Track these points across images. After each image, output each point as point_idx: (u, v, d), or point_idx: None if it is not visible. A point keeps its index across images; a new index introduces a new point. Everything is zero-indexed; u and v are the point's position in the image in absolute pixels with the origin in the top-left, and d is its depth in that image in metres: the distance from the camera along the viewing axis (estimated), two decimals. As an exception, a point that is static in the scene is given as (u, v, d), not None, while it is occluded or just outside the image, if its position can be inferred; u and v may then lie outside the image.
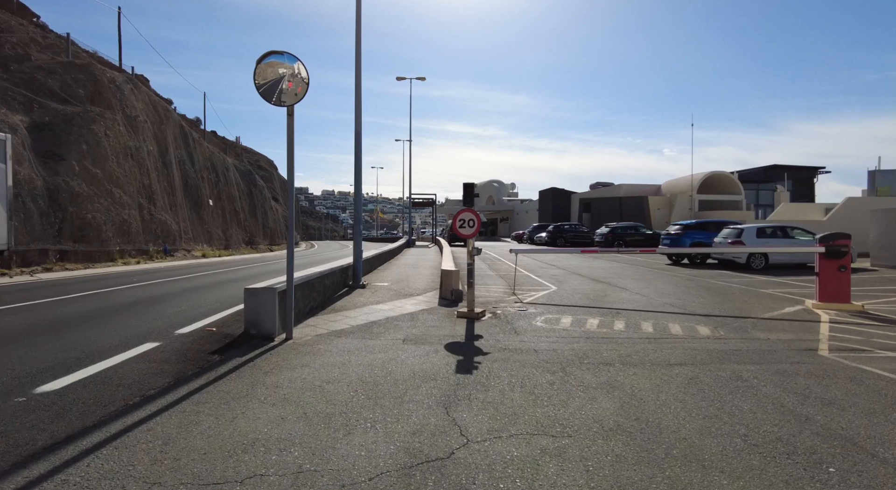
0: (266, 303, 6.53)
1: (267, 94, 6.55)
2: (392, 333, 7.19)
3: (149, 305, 9.74)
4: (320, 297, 9.27)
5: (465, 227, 8.62)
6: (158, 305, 9.76)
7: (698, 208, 39.54)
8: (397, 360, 5.69)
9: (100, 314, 8.62)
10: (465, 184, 8.57)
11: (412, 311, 9.04)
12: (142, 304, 10.01)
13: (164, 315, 8.61)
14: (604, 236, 29.62)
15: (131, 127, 24.68)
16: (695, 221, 20.89)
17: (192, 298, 10.86)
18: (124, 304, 10.02)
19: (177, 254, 27.04)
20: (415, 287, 12.18)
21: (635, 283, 13.94)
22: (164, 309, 9.28)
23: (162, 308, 9.38)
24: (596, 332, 7.47)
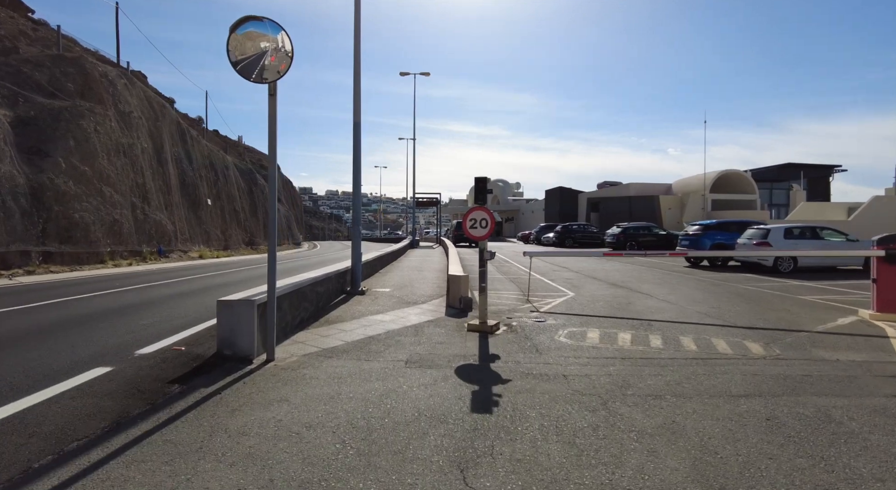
0: (243, 318, 5.48)
1: (246, 71, 5.51)
2: (393, 352, 6.13)
3: (119, 316, 8.68)
4: (312, 307, 8.23)
5: (477, 227, 7.55)
6: (130, 316, 8.71)
7: (711, 208, 38.32)
8: (398, 391, 4.64)
9: (59, 328, 7.57)
10: (478, 178, 7.46)
11: (416, 323, 7.98)
12: (113, 314, 8.96)
13: (132, 328, 7.57)
14: (615, 237, 28.50)
15: (124, 123, 23.73)
16: (715, 221, 19.76)
17: (172, 307, 9.83)
18: (93, 314, 8.97)
19: (172, 255, 26.09)
20: (419, 293, 11.12)
21: (658, 288, 12.84)
22: (134, 320, 8.22)
23: (133, 319, 8.32)
24: (631, 351, 6.39)
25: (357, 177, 10.80)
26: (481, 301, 7.62)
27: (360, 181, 10.81)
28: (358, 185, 10.78)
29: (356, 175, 10.78)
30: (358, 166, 10.78)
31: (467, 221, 7.63)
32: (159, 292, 12.19)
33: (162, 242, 25.45)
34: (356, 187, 10.81)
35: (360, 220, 11.00)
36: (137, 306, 9.86)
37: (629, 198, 42.66)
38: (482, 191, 7.47)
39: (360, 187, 10.81)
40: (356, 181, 10.80)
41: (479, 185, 7.51)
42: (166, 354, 5.82)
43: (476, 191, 7.53)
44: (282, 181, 78.97)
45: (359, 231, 11.03)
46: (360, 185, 10.81)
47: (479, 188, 7.50)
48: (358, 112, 10.73)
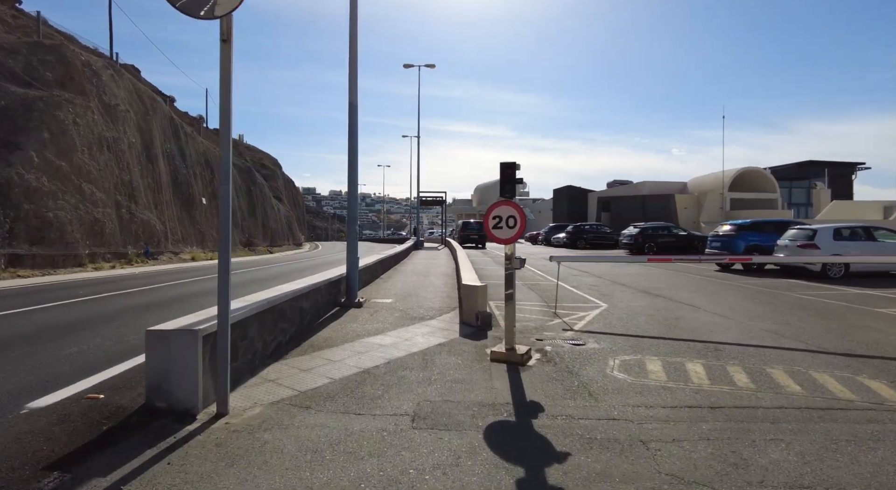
0: (183, 355, 3.85)
1: (191, 7, 3.89)
2: (394, 399, 4.49)
3: (45, 340, 6.83)
4: (294, 327, 6.59)
5: (503, 226, 5.91)
6: (61, 339, 6.95)
7: (730, 207, 36.56)
8: (402, 481, 2.99)
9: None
10: (505, 164, 5.81)
11: (425, 348, 6.33)
12: (38, 337, 7.11)
13: (55, 358, 5.88)
14: (633, 238, 26.78)
15: (109, 116, 22.19)
16: (749, 221, 18.05)
17: (122, 326, 8.17)
18: (12, 337, 7.22)
19: (161, 257, 24.53)
20: (426, 306, 9.46)
21: (700, 297, 11.16)
22: (59, 348, 6.39)
23: (59, 345, 6.53)
24: (716, 393, 4.74)
25: (353, 168, 9.17)
26: (508, 321, 5.97)
27: (356, 172, 9.19)
28: (354, 176, 9.15)
29: (352, 166, 9.15)
30: (354, 154, 9.14)
31: (490, 220, 5.99)
32: (122, 303, 10.58)
33: (150, 243, 23.90)
34: (352, 180, 9.18)
35: (356, 220, 9.36)
36: (79, 324, 8.18)
37: (642, 197, 40.91)
38: (510, 180, 5.82)
39: (357, 179, 9.19)
40: (352, 173, 9.17)
41: (506, 174, 5.85)
42: (71, 408, 4.14)
43: (502, 180, 5.88)
44: (283, 181, 77.54)
45: (355, 231, 9.39)
46: (356, 178, 9.19)
47: (505, 177, 5.84)
48: (354, 90, 9.10)
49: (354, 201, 9.40)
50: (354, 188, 9.26)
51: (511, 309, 5.96)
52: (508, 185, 5.85)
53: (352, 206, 9.39)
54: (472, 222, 39.21)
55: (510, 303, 5.98)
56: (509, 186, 5.86)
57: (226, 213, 3.96)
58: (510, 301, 5.99)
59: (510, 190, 5.87)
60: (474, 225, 38.43)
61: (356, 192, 9.28)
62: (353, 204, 9.41)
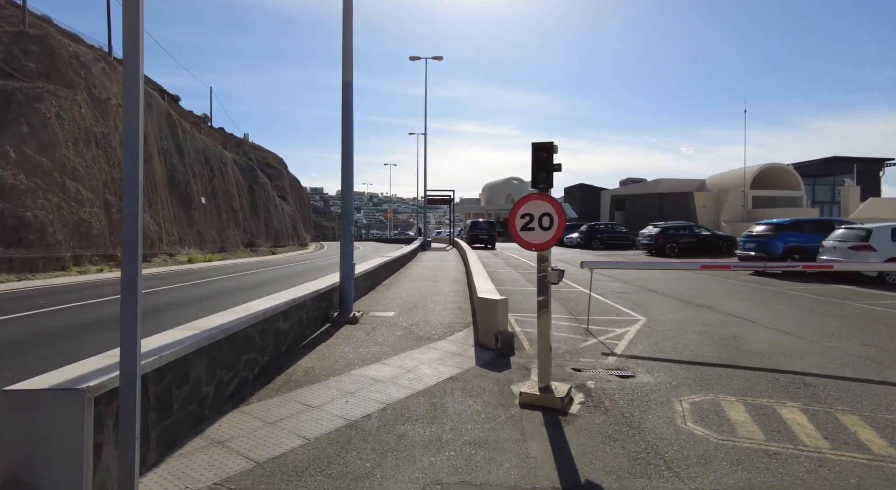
0: (57, 431, 2.48)
1: None
2: (389, 479, 3.10)
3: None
4: (267, 357, 5.20)
5: (535, 227, 4.51)
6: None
7: (752, 205, 34.85)
8: None
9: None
10: (538, 145, 4.40)
11: (432, 384, 4.93)
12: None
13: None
14: (653, 238, 25.23)
15: (99, 110, 20.99)
16: (788, 220, 16.48)
17: (63, 350, 6.86)
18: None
19: (155, 259, 23.31)
20: (434, 320, 8.05)
21: (751, 307, 9.68)
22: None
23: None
24: (848, 466, 3.33)
25: (348, 157, 7.75)
26: (542, 357, 4.56)
27: (351, 162, 7.77)
28: (349, 166, 7.74)
29: (346, 155, 7.73)
30: (349, 142, 7.74)
31: (517, 219, 4.58)
32: (81, 317, 9.26)
33: (143, 245, 22.66)
34: (346, 171, 7.76)
35: (352, 219, 7.95)
36: (5, 348, 6.88)
37: (659, 195, 39.25)
38: (545, 165, 4.40)
39: (352, 171, 7.77)
40: (346, 163, 7.76)
41: (539, 158, 4.43)
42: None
43: (535, 167, 4.47)
44: (289, 179, 76.46)
45: (350, 233, 7.97)
46: (351, 169, 7.77)
47: (539, 162, 4.43)
48: (348, 66, 7.70)
49: (349, 197, 7.99)
50: (349, 181, 7.86)
51: (546, 343, 4.55)
52: (543, 173, 4.43)
53: (346, 202, 7.98)
54: (481, 222, 37.76)
55: (544, 336, 4.57)
56: (544, 175, 4.44)
57: (132, 203, 2.59)
58: (544, 336, 4.57)
59: (545, 179, 4.45)
60: (483, 224, 36.97)
61: (351, 185, 7.87)
62: (347, 199, 7.99)
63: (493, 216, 68.63)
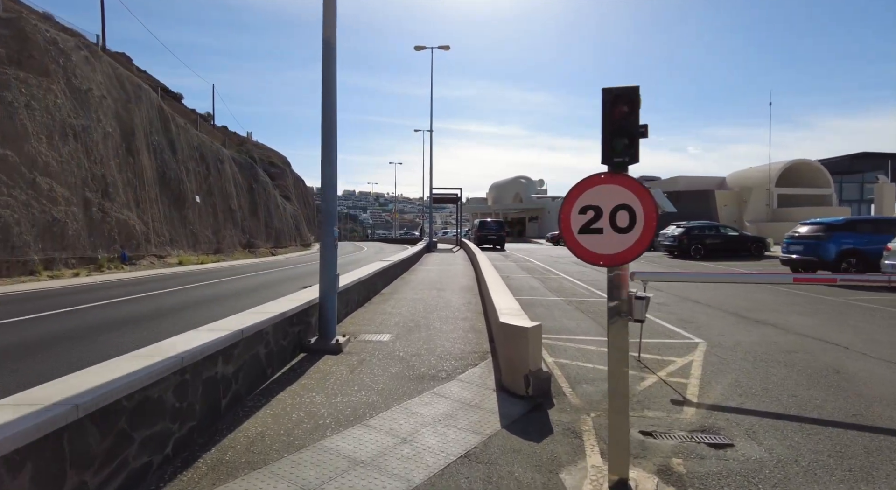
0: None
1: None
2: None
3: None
4: (188, 425, 3.47)
5: (605, 227, 2.78)
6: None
7: (777, 204, 32.88)
8: None
9: None
10: (613, 92, 2.62)
11: (438, 470, 3.21)
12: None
13: None
14: (676, 239, 23.37)
15: (78, 101, 19.45)
16: (842, 220, 14.63)
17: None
18: None
19: (142, 261, 21.73)
20: (441, 348, 6.30)
21: (826, 326, 7.88)
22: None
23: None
24: None
25: (330, 137, 6.01)
26: (614, 436, 2.83)
27: (334, 143, 6.03)
28: (331, 147, 5.99)
29: (328, 135, 6.00)
30: (331, 117, 6.00)
31: (574, 215, 2.86)
32: (21, 336, 7.61)
33: (128, 246, 21.11)
34: (327, 153, 6.00)
35: (334, 217, 6.17)
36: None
37: (678, 193, 37.29)
38: (624, 128, 2.67)
39: (335, 155, 6.02)
40: (327, 145, 6.01)
41: (616, 113, 2.69)
42: None
43: (608, 128, 2.73)
44: (293, 179, 74.99)
45: (333, 235, 6.20)
46: (334, 151, 6.02)
47: (614, 121, 2.69)
48: (331, 21, 5.99)
49: (331, 187, 6.19)
50: (332, 167, 6.10)
51: (622, 420, 2.82)
52: (622, 138, 2.69)
53: (327, 193, 6.18)
54: (489, 221, 36.01)
55: (620, 411, 2.84)
56: (624, 142, 2.70)
57: None
58: (620, 412, 2.84)
59: (625, 149, 2.71)
60: (492, 224, 35.23)
61: (334, 173, 6.12)
62: (328, 189, 6.19)
63: (501, 216, 66.85)
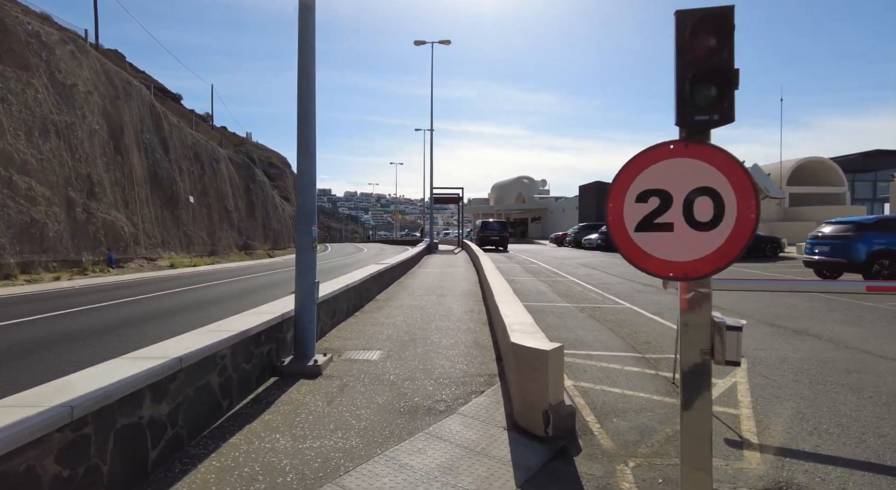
0: None
1: None
2: None
3: None
4: (99, 488, 2.53)
5: (676, 222, 1.82)
6: None
7: (789, 203, 31.87)
8: None
9: None
10: (690, 16, 1.66)
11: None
12: None
13: None
14: (687, 239, 22.38)
15: (61, 97, 18.58)
16: (873, 218, 13.67)
17: None
18: None
19: (130, 264, 20.82)
20: (440, 369, 5.35)
21: (878, 337, 6.92)
22: None
23: None
24: None
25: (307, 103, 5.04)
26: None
27: (311, 112, 5.01)
28: (309, 122, 5.03)
29: (304, 103, 5.03)
30: (309, 83, 5.03)
31: (629, 205, 1.91)
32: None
33: (116, 248, 20.22)
34: (304, 122, 5.00)
35: (313, 213, 5.18)
36: None
37: (684, 192, 36.26)
38: (711, 66, 1.70)
39: (314, 131, 5.04)
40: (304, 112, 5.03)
41: (700, 48, 1.75)
42: None
43: (685, 69, 1.77)
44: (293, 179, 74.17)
45: (310, 233, 5.20)
46: (311, 120, 5.01)
47: (696, 58, 1.73)
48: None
49: (308, 176, 5.18)
50: (310, 154, 5.12)
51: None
52: (706, 86, 1.75)
53: (305, 189, 5.17)
54: (492, 222, 35.05)
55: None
56: (708, 92, 1.76)
57: None
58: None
59: (713, 104, 1.77)
60: (495, 225, 34.26)
61: (311, 161, 5.13)
62: (306, 184, 5.18)
63: (503, 216, 65.89)
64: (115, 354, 3.65)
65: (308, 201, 5.14)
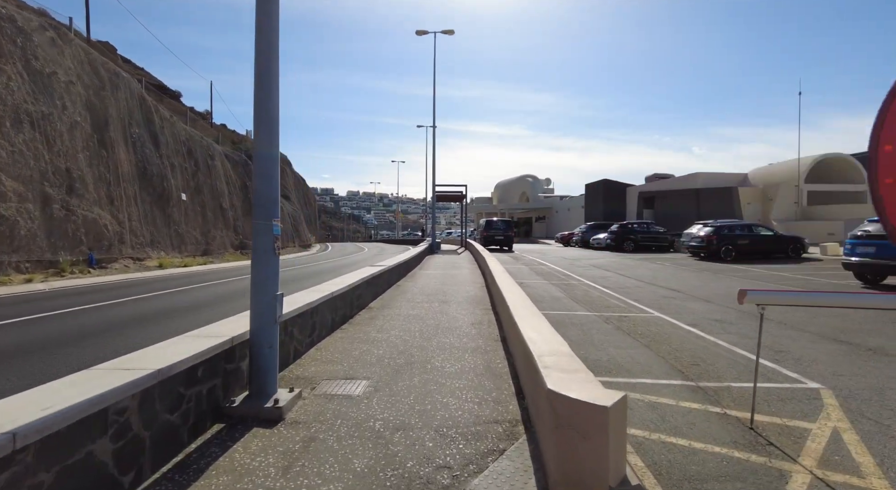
0: None
1: None
2: None
3: None
4: None
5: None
6: None
7: (807, 202, 30.52)
8: None
9: None
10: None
11: None
12: None
13: None
14: (704, 239, 21.11)
15: (38, 86, 17.42)
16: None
17: None
18: None
19: (114, 264, 19.63)
20: (443, 405, 4.09)
21: None
22: None
23: None
24: None
25: (267, 63, 3.84)
26: None
27: (274, 75, 3.84)
28: (270, 76, 3.80)
29: (263, 62, 3.83)
30: (270, 36, 3.84)
31: None
32: None
33: (99, 248, 19.02)
34: (264, 83, 3.80)
35: (276, 200, 3.89)
36: None
37: (696, 191, 34.96)
38: None
39: (276, 87, 3.82)
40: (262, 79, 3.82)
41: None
42: None
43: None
44: (294, 178, 73.10)
45: (269, 233, 3.96)
46: (273, 86, 3.82)
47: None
48: None
49: (270, 161, 3.95)
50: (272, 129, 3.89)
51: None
52: None
53: (265, 169, 3.89)
54: (496, 221, 33.79)
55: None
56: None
57: None
58: None
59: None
60: (499, 224, 33.01)
61: (275, 137, 3.92)
62: (266, 164, 3.92)
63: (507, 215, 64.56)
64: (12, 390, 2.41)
65: (268, 188, 3.89)
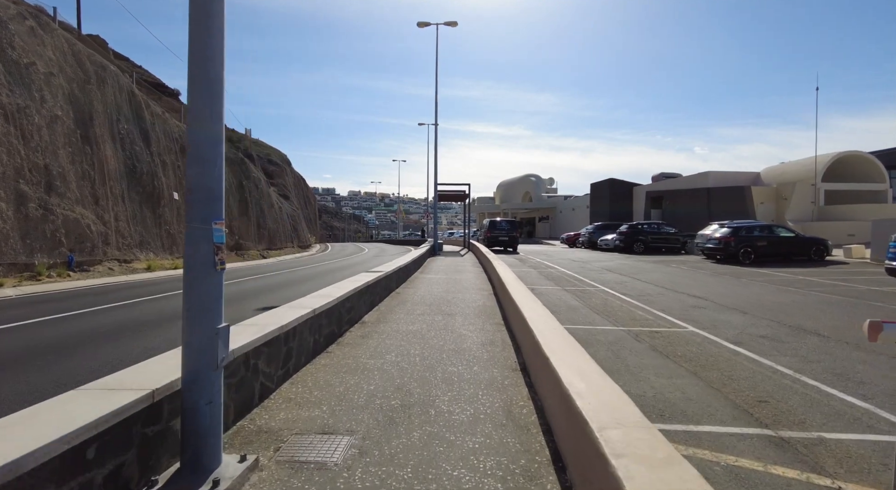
0: None
1: None
2: None
3: None
4: None
5: None
6: None
7: (824, 201, 29.34)
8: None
9: None
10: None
11: None
12: None
13: None
14: (721, 241, 19.95)
15: (14, 77, 16.36)
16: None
17: None
18: None
19: (98, 266, 18.54)
20: (456, 479, 3.00)
21: None
22: None
23: None
24: None
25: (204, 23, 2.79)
26: None
27: (222, 48, 2.81)
28: (214, 21, 2.78)
29: (199, 21, 2.80)
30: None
31: None
32: None
33: (81, 249, 17.95)
34: (202, 47, 2.77)
35: (220, 194, 2.94)
36: None
37: (707, 190, 33.78)
38: None
39: (222, 30, 2.81)
40: (201, 25, 2.77)
41: None
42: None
43: None
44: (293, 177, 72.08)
45: (210, 235, 2.95)
46: (220, 21, 2.79)
47: None
48: None
49: (213, 141, 2.89)
50: (215, 100, 2.83)
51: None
52: None
53: (205, 153, 2.78)
54: (500, 221, 32.64)
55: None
56: None
57: None
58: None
59: None
60: (504, 224, 31.86)
61: (220, 110, 2.87)
62: (208, 145, 2.83)
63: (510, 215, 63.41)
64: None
65: (208, 178, 2.83)
